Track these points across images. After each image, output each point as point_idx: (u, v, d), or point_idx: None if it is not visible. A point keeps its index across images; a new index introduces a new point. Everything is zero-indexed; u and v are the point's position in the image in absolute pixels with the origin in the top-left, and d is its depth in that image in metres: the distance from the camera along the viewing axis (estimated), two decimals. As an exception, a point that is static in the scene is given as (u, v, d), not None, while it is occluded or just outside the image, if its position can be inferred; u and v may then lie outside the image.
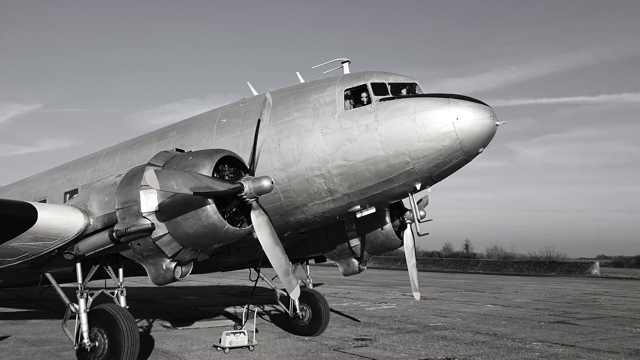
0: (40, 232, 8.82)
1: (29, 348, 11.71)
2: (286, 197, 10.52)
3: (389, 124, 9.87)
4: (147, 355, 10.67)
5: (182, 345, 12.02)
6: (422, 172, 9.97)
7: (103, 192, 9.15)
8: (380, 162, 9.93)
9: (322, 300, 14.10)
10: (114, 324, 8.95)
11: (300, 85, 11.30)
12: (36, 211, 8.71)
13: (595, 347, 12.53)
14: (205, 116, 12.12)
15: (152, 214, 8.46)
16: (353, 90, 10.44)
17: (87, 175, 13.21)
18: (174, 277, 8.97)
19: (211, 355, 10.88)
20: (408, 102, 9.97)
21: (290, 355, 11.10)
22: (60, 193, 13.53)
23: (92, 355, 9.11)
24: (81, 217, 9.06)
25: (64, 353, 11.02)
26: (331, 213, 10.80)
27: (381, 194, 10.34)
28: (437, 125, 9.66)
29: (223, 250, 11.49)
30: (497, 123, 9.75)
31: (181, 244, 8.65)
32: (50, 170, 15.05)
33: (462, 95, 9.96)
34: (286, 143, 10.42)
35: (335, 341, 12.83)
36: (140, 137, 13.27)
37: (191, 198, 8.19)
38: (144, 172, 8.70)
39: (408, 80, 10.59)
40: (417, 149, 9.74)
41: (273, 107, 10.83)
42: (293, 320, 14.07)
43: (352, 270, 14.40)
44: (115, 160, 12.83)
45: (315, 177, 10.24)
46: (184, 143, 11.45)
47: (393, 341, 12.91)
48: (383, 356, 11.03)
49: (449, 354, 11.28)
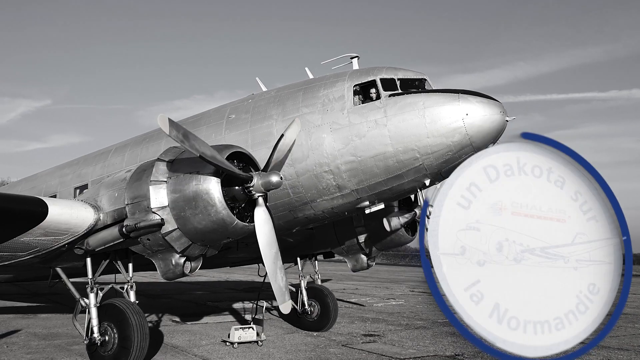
0: (50, 227, 8.87)
1: (39, 342, 11.81)
2: (295, 193, 10.52)
3: (398, 119, 9.84)
4: (156, 350, 10.73)
5: (191, 340, 12.07)
6: (432, 168, 9.93)
7: (113, 188, 9.19)
8: (389, 158, 9.89)
9: (331, 295, 14.11)
10: (123, 318, 9.01)
11: (309, 81, 11.28)
12: (47, 206, 8.77)
13: (605, 344, 12.45)
14: (214, 112, 12.14)
15: (162, 209, 8.49)
16: (362, 85, 10.40)
17: (97, 170, 13.26)
18: (183, 272, 9.02)
19: (220, 350, 10.93)
20: (417, 98, 9.92)
21: (299, 350, 11.12)
22: (70, 188, 13.60)
23: (102, 349, 9.18)
24: (91, 213, 9.11)
25: (74, 347, 11.10)
26: (340, 209, 10.78)
27: (390, 189, 10.30)
28: (447, 121, 9.61)
29: (232, 246, 11.52)
30: (507, 119, 9.68)
31: (190, 239, 8.69)
32: (60, 165, 15.13)
33: (472, 90, 9.90)
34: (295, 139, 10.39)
35: (343, 337, 12.84)
36: (150, 132, 13.30)
37: (201, 193, 8.23)
38: (153, 167, 8.76)
39: (417, 76, 10.54)
40: (426, 145, 9.70)
41: (282, 103, 10.85)
42: (301, 316, 14.10)
43: (360, 266, 14.38)
44: (124, 156, 12.88)
45: (324, 172, 10.22)
46: (193, 139, 11.44)
47: (401, 337, 12.90)
48: (391, 352, 11.03)
49: (458, 351, 11.26)
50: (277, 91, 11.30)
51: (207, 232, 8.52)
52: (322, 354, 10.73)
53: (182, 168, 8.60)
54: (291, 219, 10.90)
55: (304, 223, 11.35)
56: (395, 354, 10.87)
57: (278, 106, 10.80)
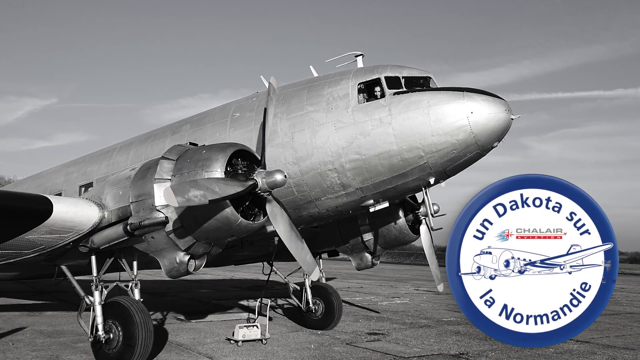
0: (55, 225, 8.90)
1: (45, 339, 11.85)
2: (299, 191, 10.51)
3: (403, 117, 9.81)
4: (160, 348, 10.75)
5: (195, 338, 12.09)
6: (436, 167, 9.90)
7: (117, 186, 9.21)
8: (394, 157, 9.87)
9: (335, 294, 14.11)
10: (128, 316, 9.03)
11: (314, 79, 11.26)
12: (52, 204, 8.79)
13: (611, 343, 12.41)
14: (218, 110, 12.14)
15: (166, 208, 8.50)
16: (367, 84, 10.38)
17: (102, 168, 13.30)
18: (187, 270, 9.03)
19: (224, 348, 10.94)
20: (422, 96, 9.89)
21: (303, 348, 11.12)
22: (75, 186, 13.64)
23: (106, 346, 9.20)
24: (96, 210, 9.13)
25: (79, 345, 11.14)
26: (344, 207, 10.77)
27: (395, 188, 10.29)
28: (452, 119, 9.57)
29: (236, 244, 11.54)
30: (512, 117, 9.64)
31: (195, 237, 8.70)
32: (65, 163, 15.18)
33: (477, 88, 9.85)
34: (299, 137, 10.39)
35: (348, 335, 12.83)
36: (154, 131, 13.33)
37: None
38: (157, 165, 8.77)
39: (422, 74, 10.51)
40: (431, 143, 9.67)
41: (286, 101, 10.83)
42: (306, 314, 14.10)
43: (365, 265, 14.38)
44: (129, 154, 12.91)
45: (328, 171, 10.21)
46: (198, 137, 11.47)
47: (406, 336, 12.88)
48: (396, 351, 11.01)
49: (462, 349, 11.24)
50: (281, 89, 11.28)
51: (211, 230, 8.53)
52: (327, 353, 10.73)
53: (186, 166, 8.61)
54: (295, 217, 10.89)
55: (308, 221, 11.34)
56: (400, 352, 10.86)
57: (282, 104, 10.79)
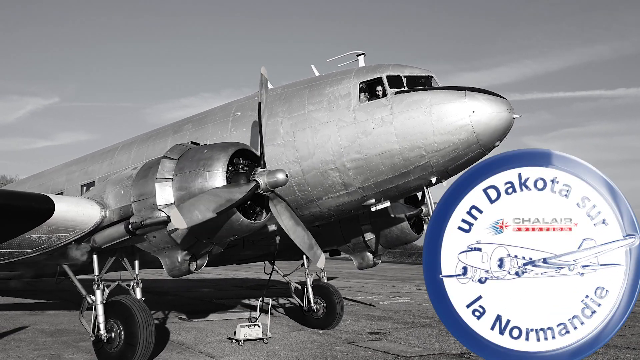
0: (57, 224, 8.91)
1: (47, 338, 11.87)
2: (301, 191, 10.51)
3: (405, 117, 9.80)
4: (162, 347, 10.76)
5: (197, 337, 12.10)
6: (438, 166, 9.89)
7: (119, 185, 9.22)
8: (396, 156, 9.86)
9: (337, 293, 14.10)
10: (130, 315, 9.04)
11: (315, 78, 11.26)
12: (53, 203, 8.81)
13: (612, 343, 12.38)
14: (220, 109, 12.14)
15: (168, 207, 8.50)
16: (368, 83, 10.37)
17: (104, 168, 13.31)
18: (189, 270, 9.04)
19: (226, 348, 10.94)
20: (424, 95, 9.88)
21: (305, 348, 11.12)
22: (77, 186, 13.65)
23: (108, 346, 9.21)
24: (97, 210, 9.15)
25: (81, 344, 11.15)
26: (346, 206, 10.77)
27: (396, 187, 10.28)
28: (453, 118, 9.56)
29: (238, 243, 11.53)
30: (514, 116, 9.62)
31: (196, 236, 8.70)
32: (67, 163, 15.20)
33: (478, 88, 9.84)
34: (301, 136, 10.39)
35: (349, 334, 12.83)
36: (156, 130, 13.33)
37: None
38: (159, 164, 8.77)
39: (424, 73, 10.49)
40: (432, 143, 9.66)
41: (288, 100, 10.83)
42: (307, 314, 14.09)
43: (366, 264, 14.38)
44: (131, 153, 12.91)
45: (329, 170, 10.21)
46: (199, 136, 11.48)
47: (407, 335, 12.88)
48: (397, 350, 11.01)
49: (464, 349, 11.22)
50: (283, 89, 11.29)
51: (212, 230, 8.53)
52: (328, 352, 10.73)
53: (188, 165, 8.61)
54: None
55: (309, 221, 11.33)
56: (401, 352, 10.85)
57: (284, 103, 10.79)
